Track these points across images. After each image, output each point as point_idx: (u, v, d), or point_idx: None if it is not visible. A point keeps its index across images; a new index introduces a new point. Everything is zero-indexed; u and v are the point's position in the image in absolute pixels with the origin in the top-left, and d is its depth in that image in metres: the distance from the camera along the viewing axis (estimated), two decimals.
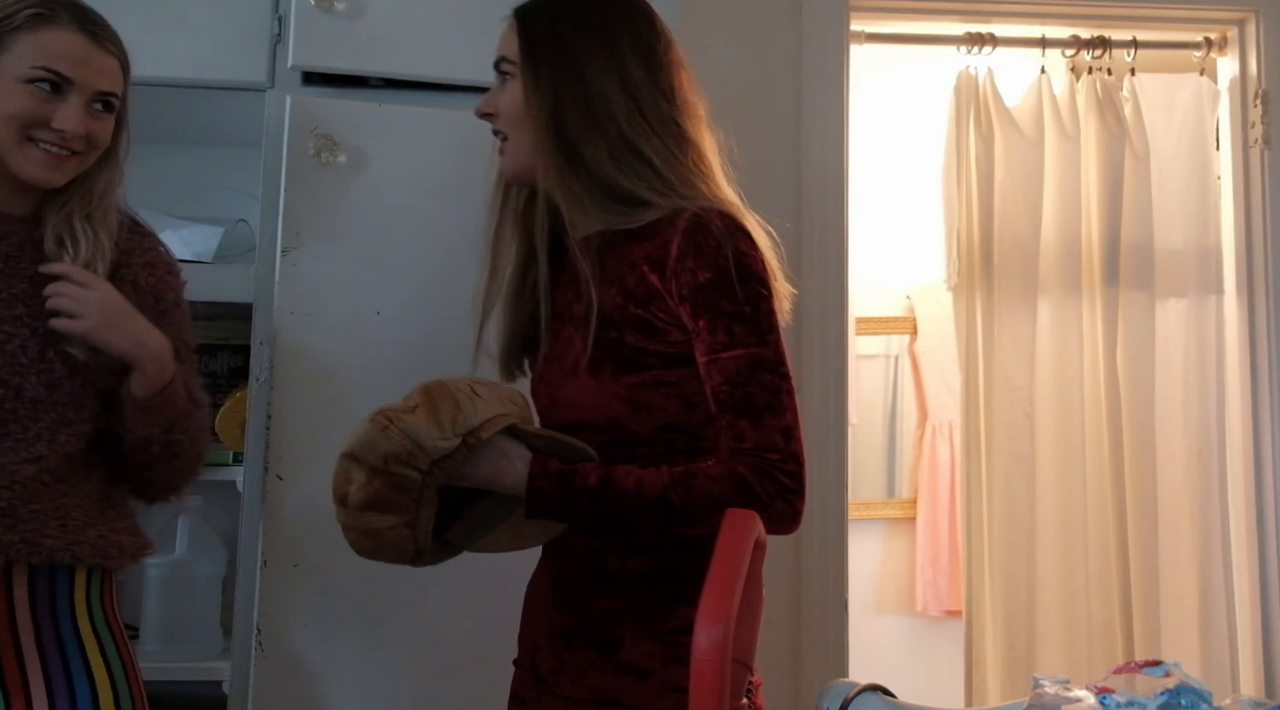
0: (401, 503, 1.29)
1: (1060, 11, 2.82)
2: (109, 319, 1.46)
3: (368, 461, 1.28)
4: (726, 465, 1.29)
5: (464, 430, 1.29)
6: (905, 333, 3.69)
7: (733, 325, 1.30)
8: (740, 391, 1.29)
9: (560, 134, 1.39)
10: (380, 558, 1.35)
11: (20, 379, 1.44)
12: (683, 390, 1.35)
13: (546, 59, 1.42)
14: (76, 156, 1.50)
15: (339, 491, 1.32)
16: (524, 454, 1.33)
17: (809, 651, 2.41)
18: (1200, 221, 2.88)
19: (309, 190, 1.86)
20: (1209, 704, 0.94)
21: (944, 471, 3.56)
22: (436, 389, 1.32)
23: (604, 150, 1.38)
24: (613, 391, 1.34)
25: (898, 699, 1.12)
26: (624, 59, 1.42)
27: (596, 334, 1.36)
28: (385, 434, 1.28)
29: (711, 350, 1.31)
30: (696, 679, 0.91)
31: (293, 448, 1.82)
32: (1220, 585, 2.77)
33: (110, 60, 1.51)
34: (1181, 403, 2.84)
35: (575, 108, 1.39)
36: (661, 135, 1.40)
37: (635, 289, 1.35)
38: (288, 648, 1.79)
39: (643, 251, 1.36)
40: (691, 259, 1.31)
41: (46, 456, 1.46)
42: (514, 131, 1.45)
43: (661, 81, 1.44)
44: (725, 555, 0.98)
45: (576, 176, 1.39)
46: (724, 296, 1.30)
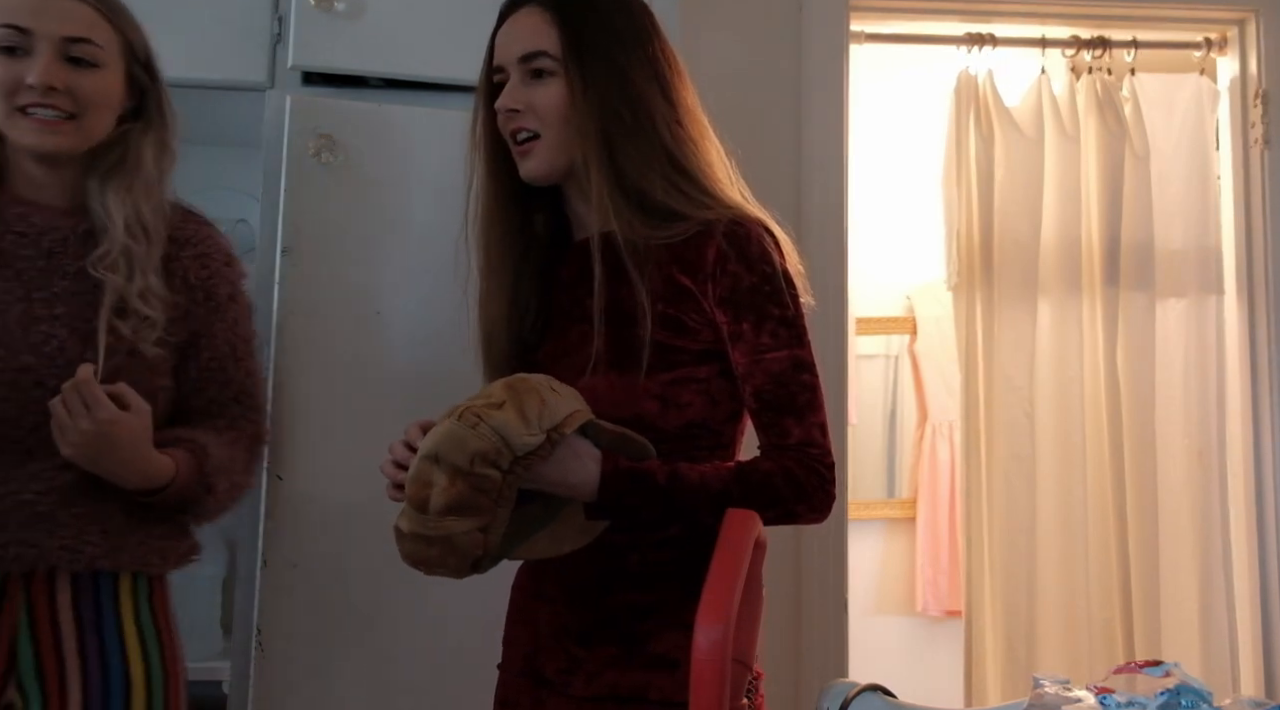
0: (482, 504, 1.24)
1: (1060, 11, 2.82)
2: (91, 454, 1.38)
3: (452, 461, 1.22)
4: (777, 461, 1.33)
5: (549, 425, 1.25)
6: (905, 333, 3.70)
7: (778, 328, 1.35)
8: (785, 391, 1.34)
9: (607, 138, 1.37)
10: (439, 568, 1.27)
11: (58, 381, 1.39)
12: (710, 388, 1.38)
13: (595, 60, 1.39)
14: (72, 120, 1.44)
15: (418, 497, 1.23)
16: (593, 452, 1.30)
17: (809, 651, 2.41)
18: (1200, 221, 2.88)
19: (309, 190, 1.86)
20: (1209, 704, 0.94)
21: (944, 471, 3.56)
22: (521, 384, 1.28)
23: (651, 164, 1.37)
24: (643, 388, 1.35)
25: (898, 699, 1.11)
26: (659, 65, 1.43)
27: (621, 332, 1.36)
28: (475, 432, 1.22)
29: (757, 351, 1.35)
30: (697, 679, 0.91)
31: (293, 448, 1.82)
32: (1220, 585, 2.77)
33: (75, 5, 1.44)
34: (1181, 403, 2.84)
35: (626, 113, 1.38)
36: (695, 146, 1.42)
37: (662, 289, 1.36)
38: (288, 648, 1.79)
39: (671, 254, 1.37)
40: (734, 263, 1.35)
41: None
42: (549, 131, 1.41)
43: (686, 90, 1.45)
44: (725, 555, 0.98)
45: (619, 188, 1.37)
46: (770, 301, 1.35)
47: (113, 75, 1.48)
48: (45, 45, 1.41)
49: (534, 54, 1.40)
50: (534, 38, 1.41)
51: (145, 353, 1.45)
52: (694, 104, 1.46)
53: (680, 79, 1.45)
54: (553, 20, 1.40)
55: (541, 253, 1.50)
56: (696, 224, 1.37)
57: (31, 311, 1.42)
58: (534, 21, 1.41)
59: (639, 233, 1.37)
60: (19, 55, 1.41)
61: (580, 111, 1.38)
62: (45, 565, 1.40)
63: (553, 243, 1.51)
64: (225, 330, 1.55)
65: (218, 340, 1.56)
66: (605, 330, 1.37)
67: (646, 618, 1.35)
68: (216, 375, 1.57)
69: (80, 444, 1.36)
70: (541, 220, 1.50)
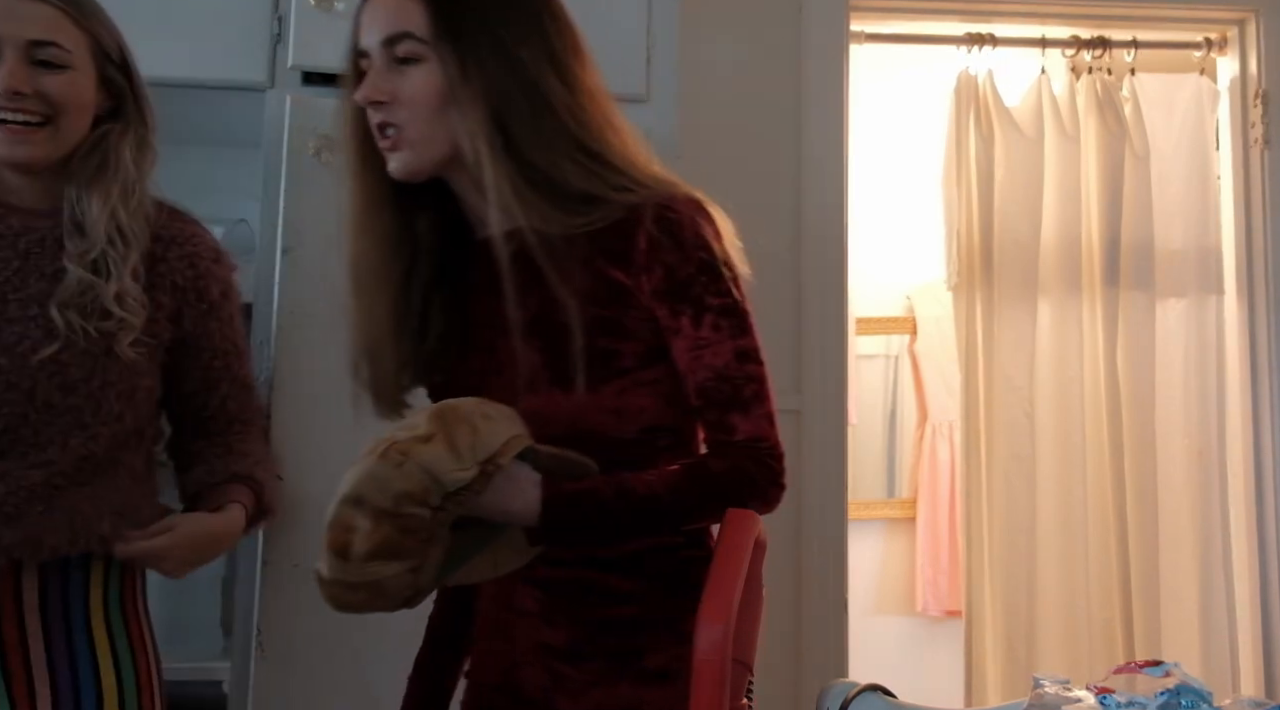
0: (410, 546, 1.13)
1: (1060, 11, 2.82)
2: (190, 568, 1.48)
3: (375, 504, 1.12)
4: (726, 459, 1.25)
5: (483, 457, 1.15)
6: (905, 333, 3.70)
7: (719, 319, 1.24)
8: (729, 385, 1.24)
9: (501, 124, 1.22)
10: (366, 611, 1.18)
11: (31, 382, 1.38)
12: (662, 388, 1.27)
13: (473, 39, 1.23)
14: (44, 127, 1.42)
15: (337, 543, 1.13)
16: (532, 477, 1.20)
17: (809, 651, 2.41)
18: (1200, 221, 2.88)
19: (309, 190, 1.86)
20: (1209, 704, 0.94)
21: (944, 471, 3.56)
22: (450, 413, 1.17)
23: (557, 151, 1.24)
24: (592, 403, 1.25)
25: (898, 699, 1.11)
26: (551, 43, 1.27)
27: (558, 344, 1.24)
28: (401, 471, 1.12)
29: (697, 345, 1.24)
30: (697, 679, 0.91)
31: (293, 448, 1.82)
32: (1220, 585, 2.77)
33: (40, 7, 1.41)
34: (1181, 403, 2.84)
35: (518, 95, 1.23)
36: (603, 127, 1.28)
37: (594, 289, 1.24)
38: (288, 648, 1.78)
39: (596, 247, 1.24)
40: (667, 252, 1.23)
41: (57, 461, 1.41)
42: (420, 123, 1.25)
43: (586, 70, 1.30)
44: (726, 555, 0.98)
45: (524, 179, 1.23)
46: (707, 290, 1.24)
47: (83, 77, 1.46)
48: (10, 50, 1.40)
49: (398, 36, 1.24)
50: (397, 17, 1.25)
51: (121, 354, 1.44)
52: (596, 85, 1.30)
53: (578, 58, 1.30)
54: None
55: (432, 259, 1.34)
56: (619, 208, 1.24)
57: (6, 313, 1.41)
58: (389, 2, 1.26)
59: (554, 223, 1.23)
60: None
61: (462, 98, 1.23)
62: (6, 558, 1.38)
63: (449, 245, 1.34)
64: (222, 328, 1.54)
65: (217, 339, 1.55)
66: (539, 344, 1.25)
67: (639, 631, 1.28)
68: (224, 374, 1.57)
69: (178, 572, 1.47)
70: (425, 222, 1.34)
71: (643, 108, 2.01)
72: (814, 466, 2.44)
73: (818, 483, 2.45)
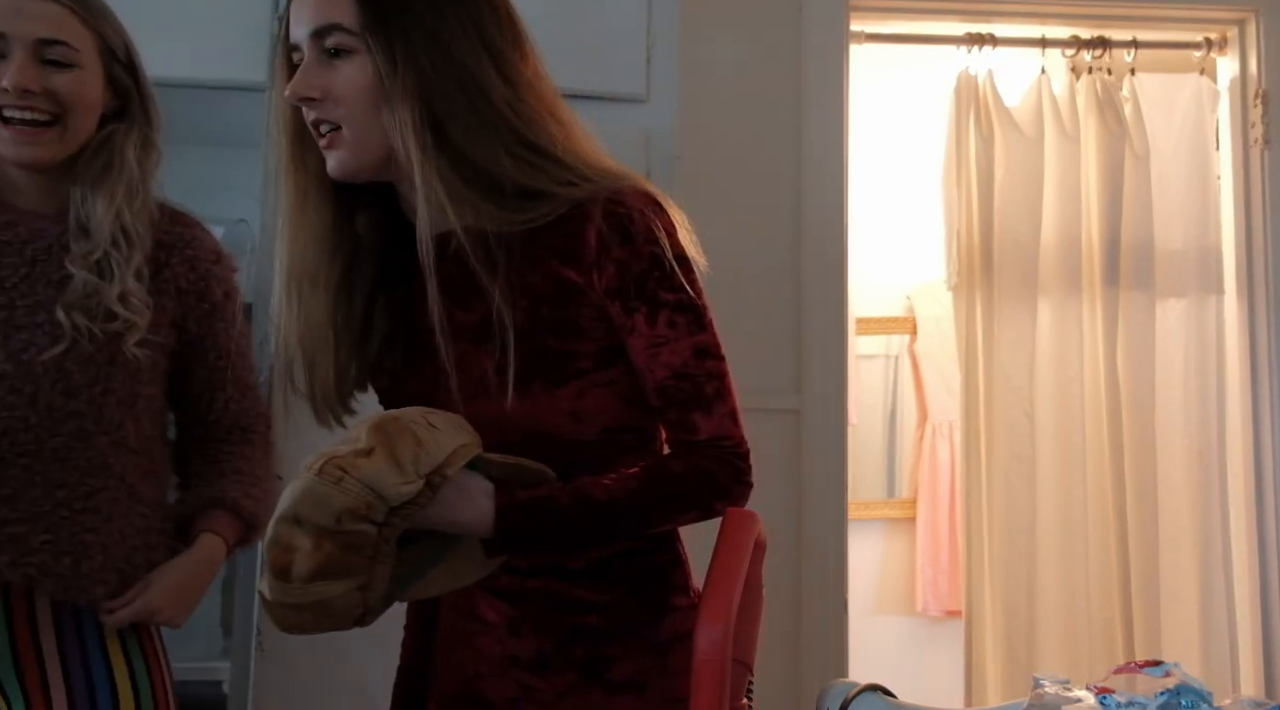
0: (355, 563, 1.09)
1: (1060, 11, 2.82)
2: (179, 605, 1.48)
3: (315, 522, 1.07)
4: (688, 459, 1.20)
5: (428, 469, 1.10)
6: (905, 333, 3.70)
7: (674, 315, 1.19)
8: (689, 383, 1.20)
9: (435, 126, 1.17)
10: (316, 631, 1.14)
11: (34, 387, 1.38)
12: (620, 388, 1.23)
13: (403, 30, 1.18)
14: (53, 127, 1.42)
15: (278, 563, 1.08)
16: (483, 487, 1.15)
17: (809, 651, 2.41)
18: (1200, 221, 2.88)
19: None
20: (1209, 704, 0.94)
21: (944, 471, 3.56)
22: (391, 424, 1.11)
23: (495, 145, 1.18)
24: (548, 406, 1.20)
25: (898, 699, 1.11)
26: (488, 33, 1.21)
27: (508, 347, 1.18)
28: (340, 487, 1.07)
29: (653, 343, 1.19)
30: (697, 679, 0.91)
31: (293, 448, 1.81)
32: (1220, 585, 2.77)
33: (48, 6, 1.42)
34: (1181, 403, 2.84)
35: (452, 88, 1.18)
36: (546, 120, 1.22)
37: (546, 289, 1.19)
38: (288, 648, 1.78)
39: (546, 245, 1.19)
40: (618, 248, 1.18)
41: (62, 478, 1.40)
42: (353, 120, 1.20)
43: (527, 61, 1.25)
44: (725, 555, 0.98)
45: (460, 176, 1.18)
46: (661, 286, 1.19)
47: (90, 76, 1.46)
48: (19, 48, 1.40)
49: (327, 28, 1.19)
50: (326, 9, 1.19)
51: (127, 353, 1.43)
52: (536, 76, 1.24)
53: (518, 49, 1.24)
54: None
55: (374, 259, 1.29)
56: (565, 203, 1.19)
57: (14, 319, 1.41)
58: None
59: (494, 221, 1.18)
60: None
61: (392, 92, 1.17)
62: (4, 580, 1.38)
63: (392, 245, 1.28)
64: (226, 329, 1.54)
65: (221, 339, 1.55)
66: (489, 347, 1.19)
67: (607, 640, 1.24)
68: (228, 375, 1.57)
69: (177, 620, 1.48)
70: (364, 220, 1.28)
71: (643, 108, 2.01)
72: (814, 466, 2.45)
73: (818, 483, 2.45)
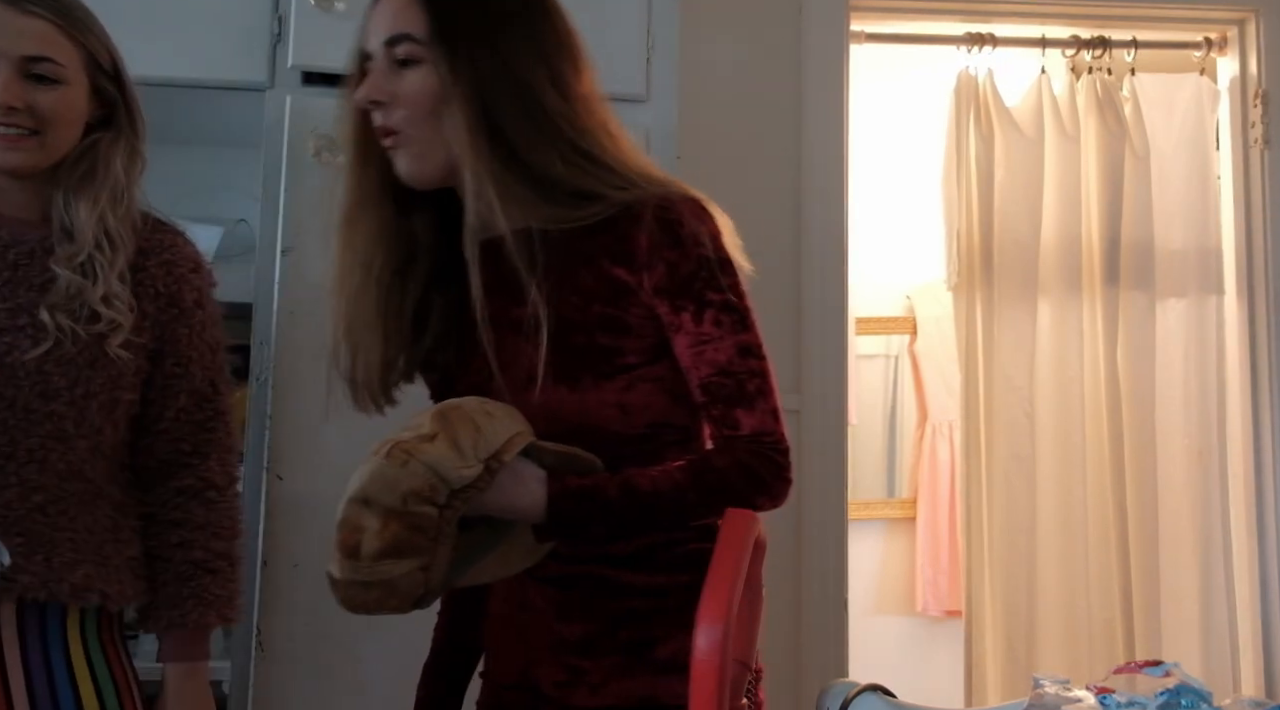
0: (420, 543, 1.15)
1: (1060, 11, 2.82)
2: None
3: (384, 503, 1.14)
4: (730, 455, 1.26)
5: (486, 455, 1.17)
6: (905, 333, 3.70)
7: (720, 314, 1.26)
8: (733, 380, 1.26)
9: (495, 135, 1.25)
10: (380, 611, 1.20)
11: (14, 390, 1.38)
12: (666, 384, 1.29)
13: (469, 42, 1.25)
14: (34, 137, 1.42)
15: (348, 543, 1.15)
16: (537, 473, 1.22)
17: (809, 651, 2.41)
18: (1200, 221, 2.88)
19: (309, 190, 1.86)
20: (1209, 704, 0.94)
21: (944, 471, 3.56)
22: (453, 412, 1.19)
23: (551, 154, 1.25)
24: (596, 399, 1.27)
25: (898, 699, 1.11)
26: (546, 49, 1.29)
27: (559, 340, 1.26)
28: (406, 469, 1.14)
29: (699, 341, 1.26)
30: (696, 679, 0.91)
31: (293, 448, 1.82)
32: (1220, 585, 2.77)
33: (33, 22, 1.41)
34: (1181, 403, 2.84)
35: (508, 100, 1.25)
36: (598, 132, 1.30)
37: (597, 287, 1.27)
38: (288, 648, 1.79)
39: (599, 246, 1.27)
40: (667, 249, 1.25)
41: (38, 480, 1.39)
42: (419, 126, 1.27)
43: (582, 79, 1.32)
44: (725, 555, 0.98)
45: (519, 181, 1.25)
46: (708, 286, 1.26)
47: (75, 90, 1.46)
48: (4, 65, 1.40)
49: (398, 38, 1.27)
50: (398, 20, 1.28)
51: (110, 355, 1.43)
52: (592, 92, 1.32)
53: (574, 65, 1.31)
54: (419, 3, 1.27)
55: (431, 258, 1.36)
56: (615, 205, 1.26)
57: None
58: (401, 3, 1.28)
59: (549, 220, 1.25)
60: None
61: (452, 98, 1.24)
62: None
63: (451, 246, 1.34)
64: (189, 335, 1.52)
65: (182, 345, 1.53)
66: (546, 341, 1.25)
67: (651, 622, 1.29)
68: (180, 383, 1.53)
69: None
70: (422, 222, 1.35)
71: (643, 108, 2.01)
72: (814, 466, 2.44)
73: (818, 483, 2.45)
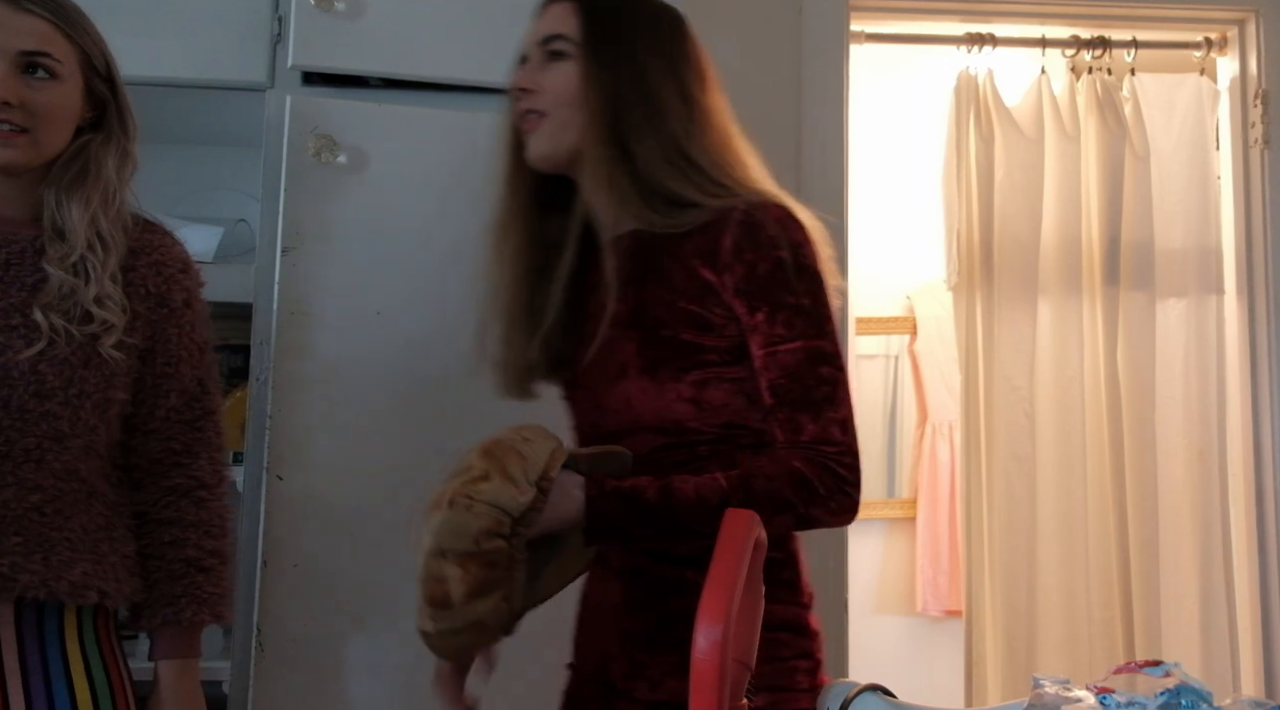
0: (498, 577, 1.22)
1: (1060, 11, 2.82)
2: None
3: (459, 549, 1.20)
4: (782, 463, 1.28)
5: (536, 477, 1.23)
6: (905, 333, 3.69)
7: (792, 318, 1.30)
8: (799, 384, 1.29)
9: (615, 126, 1.37)
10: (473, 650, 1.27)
11: (9, 391, 1.39)
12: (745, 386, 1.34)
13: (612, 47, 1.40)
14: (26, 134, 1.42)
15: (436, 595, 1.21)
16: (576, 479, 1.28)
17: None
18: (1200, 221, 2.88)
19: (309, 190, 1.86)
20: (1209, 704, 0.94)
21: (944, 471, 3.56)
22: (495, 447, 1.25)
23: (657, 151, 1.36)
24: (674, 392, 1.33)
25: (898, 699, 1.11)
26: (679, 65, 1.43)
27: (648, 334, 1.34)
28: (471, 512, 1.20)
29: (770, 343, 1.30)
30: (696, 679, 0.91)
31: (293, 448, 1.82)
32: (1220, 585, 2.77)
33: (32, 20, 1.43)
34: (1181, 403, 2.84)
35: (637, 104, 1.38)
36: (712, 143, 1.41)
37: (685, 285, 1.34)
38: (288, 648, 1.79)
39: (691, 247, 1.34)
40: (749, 251, 1.31)
41: (35, 479, 1.40)
42: (557, 110, 1.40)
43: (708, 94, 1.45)
44: (725, 555, 0.98)
45: (625, 173, 1.36)
46: (783, 288, 1.31)
47: (70, 88, 1.47)
48: (2, 60, 1.41)
49: (553, 36, 1.42)
50: (557, 23, 1.43)
51: (104, 355, 1.44)
52: (715, 108, 1.45)
53: (702, 84, 1.45)
54: (577, 10, 1.42)
55: (567, 261, 1.47)
56: (710, 212, 1.34)
57: None
58: (560, 10, 1.44)
59: (646, 222, 1.36)
60: None
61: (590, 94, 1.38)
62: None
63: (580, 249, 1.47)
64: (178, 335, 1.53)
65: (171, 345, 1.54)
66: (634, 334, 1.35)
67: None
68: (170, 382, 1.54)
69: None
70: (558, 225, 1.47)
71: None
72: None
73: None
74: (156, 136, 2.24)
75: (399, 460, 1.84)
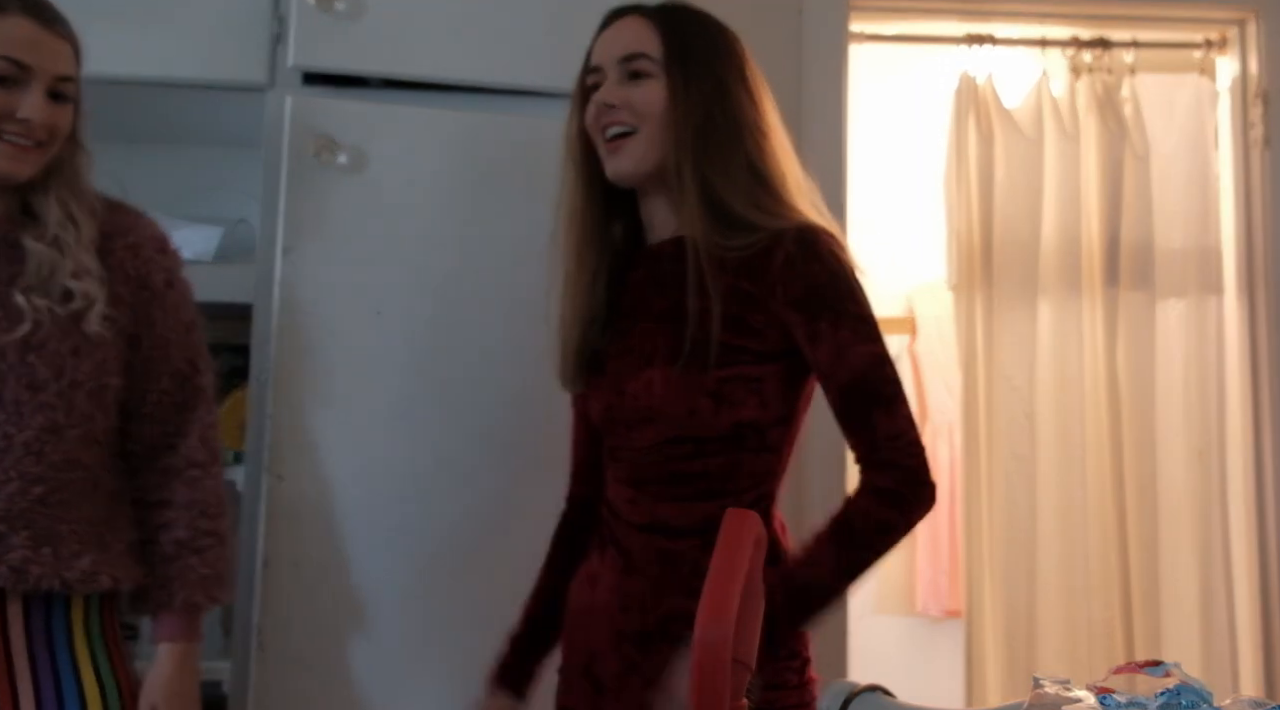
0: None
1: (1060, 12, 2.82)
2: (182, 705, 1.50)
3: None
4: (862, 490, 1.36)
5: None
6: (905, 333, 3.69)
7: (857, 325, 1.39)
8: (870, 384, 1.37)
9: (701, 141, 1.42)
10: None
11: (0, 385, 1.41)
12: (762, 388, 1.40)
13: (695, 67, 1.45)
14: (40, 148, 1.47)
15: None
16: None
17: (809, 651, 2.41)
18: (1200, 221, 2.87)
19: (309, 190, 1.86)
20: (1209, 704, 0.94)
21: (944, 471, 3.55)
22: None
23: (732, 171, 1.42)
24: (698, 384, 1.38)
25: (898, 699, 1.11)
26: (750, 81, 1.49)
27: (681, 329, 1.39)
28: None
29: (839, 347, 1.37)
30: (696, 679, 0.91)
31: (293, 448, 1.82)
32: (1220, 585, 2.77)
33: (62, 44, 1.49)
34: (1181, 403, 2.83)
35: (720, 118, 1.43)
36: (776, 159, 1.47)
37: (727, 292, 1.39)
38: (288, 648, 1.79)
39: (739, 264, 1.40)
40: (805, 263, 1.39)
41: (35, 470, 1.42)
42: (646, 126, 1.45)
43: (772, 110, 1.51)
44: (725, 555, 0.98)
45: (703, 187, 1.41)
46: (846, 298, 1.39)
47: (76, 107, 1.53)
48: (39, 82, 1.45)
49: (635, 55, 1.46)
50: (637, 40, 1.47)
51: (91, 334, 1.46)
52: (777, 126, 1.51)
53: (767, 99, 1.51)
54: (655, 28, 1.47)
55: (615, 259, 1.53)
56: (767, 236, 1.40)
57: None
58: (637, 26, 1.48)
59: (712, 242, 1.40)
60: (9, 86, 1.44)
61: (678, 112, 1.43)
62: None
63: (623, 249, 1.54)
64: (164, 317, 1.56)
65: (158, 328, 1.56)
66: (668, 328, 1.41)
67: None
68: (160, 365, 1.56)
69: None
70: (619, 227, 1.53)
71: None
72: (814, 467, 2.44)
73: (818, 483, 2.44)
74: (156, 136, 2.26)
75: (399, 460, 1.84)
